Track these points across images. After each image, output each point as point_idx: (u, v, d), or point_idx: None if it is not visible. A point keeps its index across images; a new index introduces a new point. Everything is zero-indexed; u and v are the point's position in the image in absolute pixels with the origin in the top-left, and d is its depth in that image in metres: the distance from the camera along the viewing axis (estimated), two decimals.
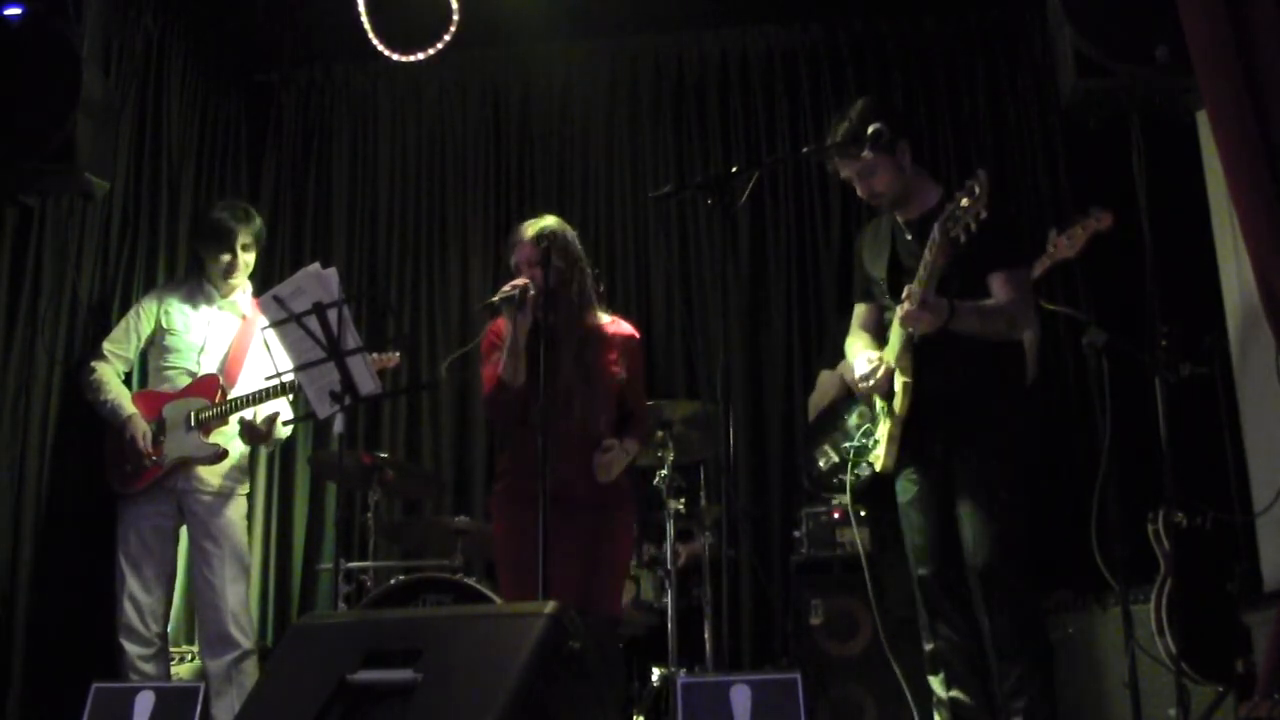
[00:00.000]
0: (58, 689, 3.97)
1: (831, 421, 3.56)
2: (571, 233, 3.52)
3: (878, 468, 3.29)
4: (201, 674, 4.21)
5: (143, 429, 4.08)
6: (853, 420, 3.46)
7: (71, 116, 3.39)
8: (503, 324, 3.43)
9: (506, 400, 3.39)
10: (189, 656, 4.39)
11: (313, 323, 3.28)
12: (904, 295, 3.05)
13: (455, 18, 4.91)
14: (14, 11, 3.44)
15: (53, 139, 3.40)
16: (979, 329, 3.10)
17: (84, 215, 4.33)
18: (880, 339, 3.38)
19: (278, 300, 3.32)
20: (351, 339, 3.31)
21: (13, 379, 4.03)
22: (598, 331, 3.50)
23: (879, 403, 3.33)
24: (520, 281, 3.35)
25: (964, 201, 2.85)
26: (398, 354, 4.18)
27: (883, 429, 3.28)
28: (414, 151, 5.74)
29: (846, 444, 3.42)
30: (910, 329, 3.09)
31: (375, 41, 4.93)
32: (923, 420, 3.19)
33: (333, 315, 3.27)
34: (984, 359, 3.16)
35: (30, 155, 3.42)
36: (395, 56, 5.07)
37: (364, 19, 4.87)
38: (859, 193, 3.35)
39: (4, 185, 3.52)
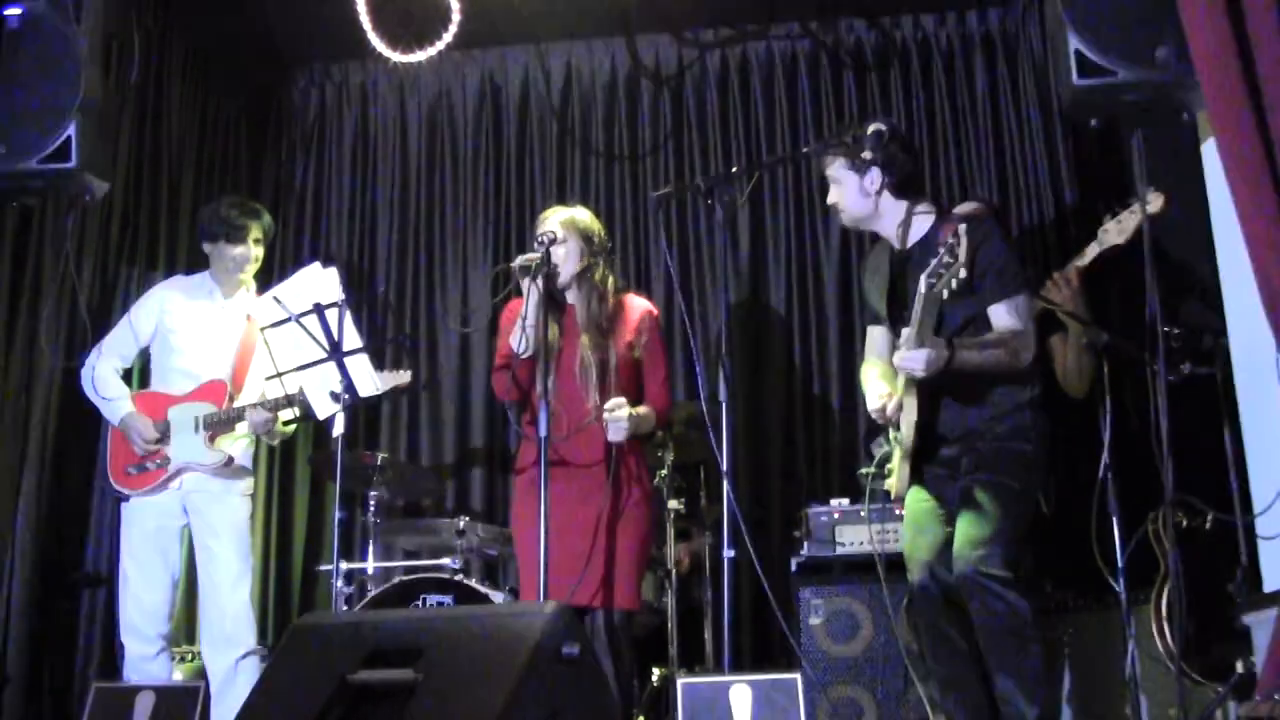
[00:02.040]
0: (58, 689, 3.97)
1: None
2: (597, 223, 3.63)
3: (891, 495, 3.33)
4: (202, 674, 4.21)
5: (141, 426, 4.07)
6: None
7: (71, 116, 3.39)
8: (516, 303, 3.51)
9: (511, 371, 3.43)
10: (189, 656, 4.38)
11: (313, 323, 3.28)
12: (900, 341, 3.07)
13: (455, 17, 4.92)
14: (14, 11, 3.44)
15: (53, 139, 3.40)
16: (980, 364, 3.12)
17: (84, 215, 4.33)
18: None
19: (278, 300, 3.32)
20: (351, 339, 3.31)
21: (13, 379, 4.03)
22: (616, 311, 3.55)
23: (893, 431, 3.35)
24: (537, 255, 3.38)
25: (946, 259, 2.86)
26: (409, 373, 4.17)
27: (895, 457, 3.30)
28: (414, 151, 5.74)
29: (862, 470, 3.45)
30: (908, 374, 3.11)
31: (375, 41, 4.94)
32: (927, 453, 3.23)
33: (333, 315, 3.27)
34: (990, 387, 3.17)
35: (30, 155, 3.41)
36: (395, 56, 5.08)
37: (364, 19, 4.88)
38: (829, 198, 3.41)
39: (4, 185, 3.52)
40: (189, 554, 4.31)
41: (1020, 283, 3.26)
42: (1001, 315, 3.15)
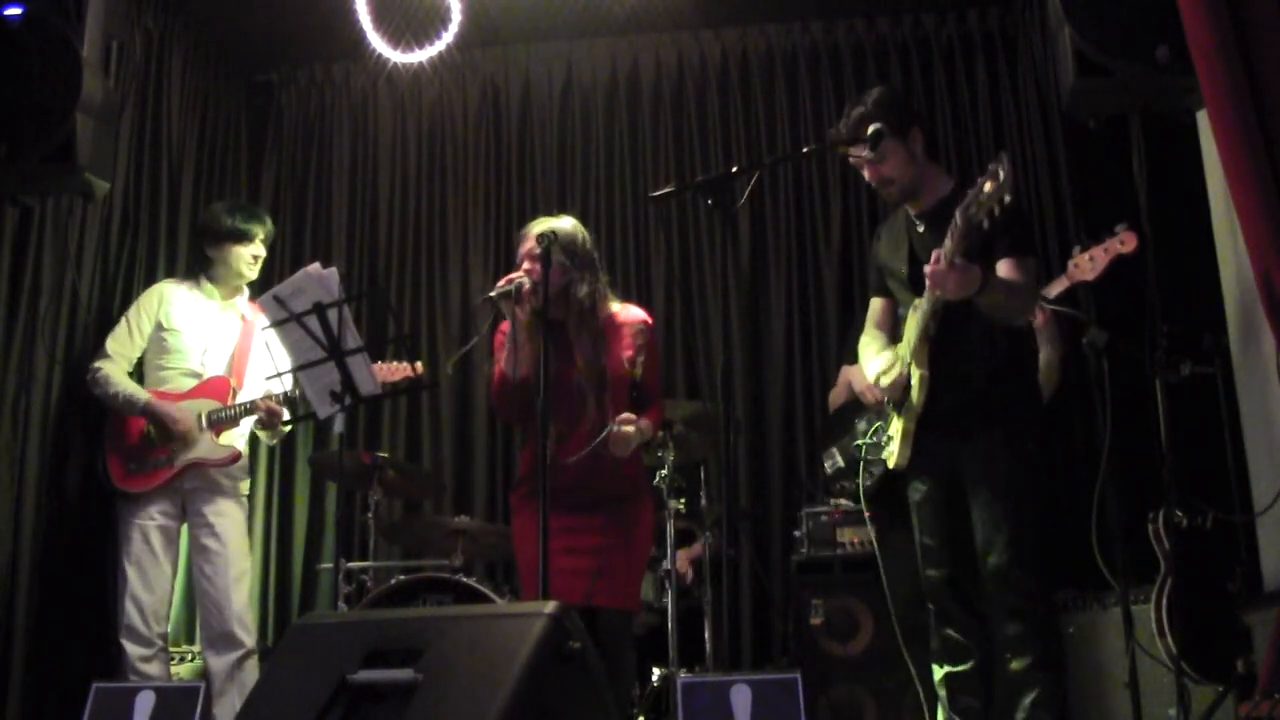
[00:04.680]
0: (58, 689, 3.97)
1: (842, 425, 3.53)
2: (581, 233, 3.51)
3: (890, 464, 3.28)
4: (202, 674, 4.22)
5: (168, 410, 4.08)
6: (861, 425, 3.45)
7: (71, 116, 3.39)
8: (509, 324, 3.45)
9: (509, 394, 3.40)
10: (189, 656, 4.39)
11: (313, 322, 3.28)
12: (932, 259, 2.98)
13: (455, 18, 4.92)
14: (14, 11, 3.44)
15: (53, 139, 3.39)
16: (1004, 303, 3.05)
17: (84, 215, 4.33)
18: (894, 337, 3.38)
19: (278, 300, 3.31)
20: (351, 339, 3.31)
21: (13, 379, 4.03)
22: (609, 324, 3.49)
23: (888, 406, 3.33)
24: (515, 276, 3.36)
25: (987, 186, 2.76)
26: (408, 365, 4.17)
27: (895, 425, 3.26)
28: (414, 151, 5.75)
29: (859, 441, 3.41)
30: (938, 292, 3.00)
31: (376, 42, 4.94)
32: (934, 416, 3.19)
33: (333, 315, 3.27)
34: (997, 351, 3.16)
35: (30, 155, 3.41)
36: (396, 57, 5.08)
37: (364, 19, 4.89)
38: (868, 178, 3.32)
39: (4, 185, 3.51)
40: (187, 554, 4.31)
41: (1032, 247, 3.23)
42: (1010, 270, 3.09)
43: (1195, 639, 3.53)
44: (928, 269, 2.99)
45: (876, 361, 3.31)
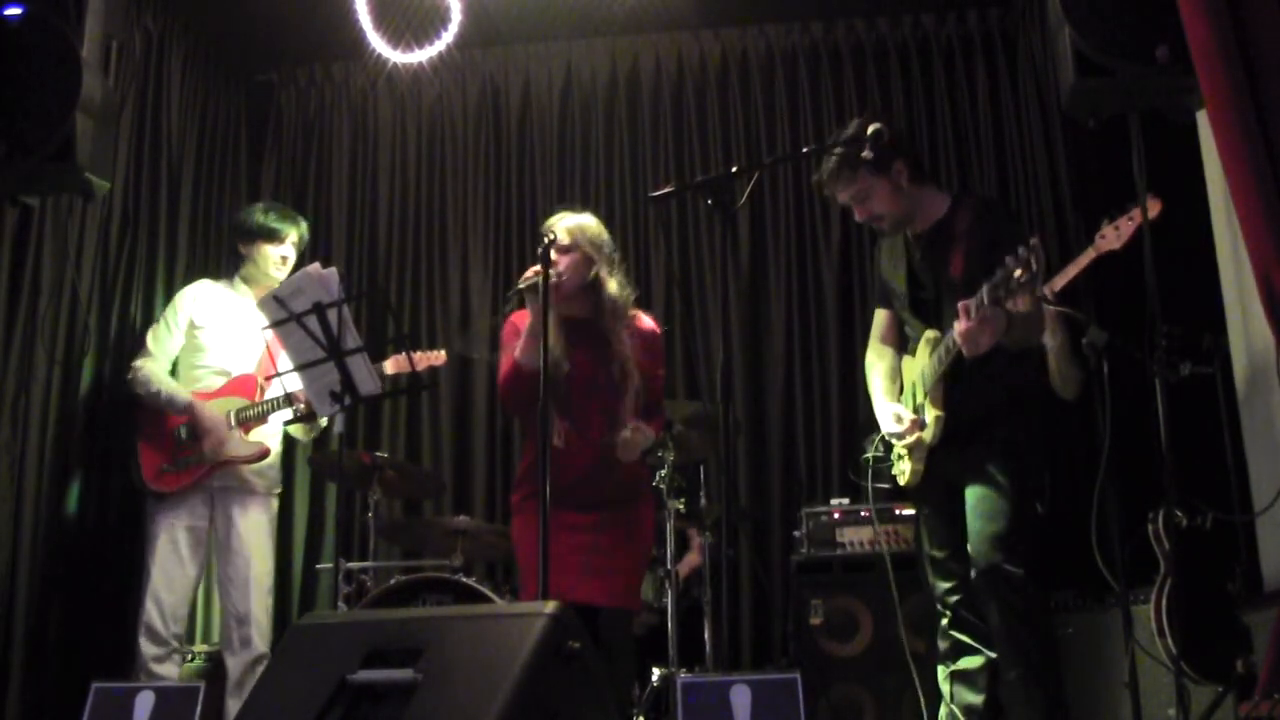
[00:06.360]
0: (58, 689, 3.97)
1: None
2: (605, 232, 3.53)
3: (901, 483, 3.32)
4: (201, 674, 4.22)
5: (207, 414, 4.11)
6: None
7: (71, 116, 3.38)
8: (520, 315, 3.45)
9: (520, 384, 3.38)
10: (190, 656, 4.39)
11: (313, 323, 3.28)
12: (960, 312, 2.98)
13: (455, 18, 4.93)
14: (14, 11, 3.43)
15: (53, 139, 3.39)
16: (1023, 335, 3.09)
17: (84, 215, 4.33)
18: (899, 349, 3.41)
19: (278, 300, 3.32)
20: (351, 339, 3.31)
21: (13, 379, 4.03)
22: (628, 328, 3.48)
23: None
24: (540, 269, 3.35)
25: (1018, 273, 2.76)
26: (434, 353, 4.21)
27: (908, 445, 3.30)
28: (414, 151, 5.75)
29: (866, 455, 3.43)
30: (970, 351, 3.00)
31: (375, 42, 4.94)
32: (946, 440, 3.22)
33: (332, 315, 3.26)
34: (1008, 383, 3.18)
35: (30, 155, 3.41)
36: (395, 57, 5.08)
37: (364, 19, 4.89)
38: (857, 217, 3.36)
39: (4, 185, 3.51)
40: (209, 554, 4.32)
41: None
42: None
43: (1195, 639, 3.53)
44: (958, 330, 2.98)
45: (886, 414, 3.33)
